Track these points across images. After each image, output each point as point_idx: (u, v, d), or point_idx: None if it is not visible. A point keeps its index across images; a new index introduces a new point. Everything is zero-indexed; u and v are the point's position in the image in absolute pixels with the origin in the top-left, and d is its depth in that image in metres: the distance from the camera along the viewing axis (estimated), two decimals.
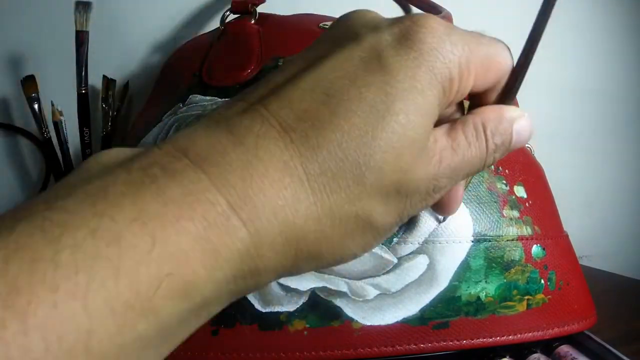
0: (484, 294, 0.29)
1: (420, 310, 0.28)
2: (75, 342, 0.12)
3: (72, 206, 0.14)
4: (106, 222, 0.13)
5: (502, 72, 0.21)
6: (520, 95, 0.41)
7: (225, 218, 0.15)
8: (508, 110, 0.22)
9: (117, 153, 0.17)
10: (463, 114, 0.23)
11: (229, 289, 0.16)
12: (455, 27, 0.20)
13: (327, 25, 0.38)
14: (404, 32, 0.18)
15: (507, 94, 0.22)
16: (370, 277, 0.28)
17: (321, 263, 0.18)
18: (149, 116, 0.37)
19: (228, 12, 0.40)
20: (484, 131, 0.21)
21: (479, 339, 0.29)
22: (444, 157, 0.19)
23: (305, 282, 0.28)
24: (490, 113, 0.21)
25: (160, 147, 0.16)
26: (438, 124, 0.20)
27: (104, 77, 0.47)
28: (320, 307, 0.27)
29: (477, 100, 0.23)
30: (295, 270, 0.18)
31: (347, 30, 0.20)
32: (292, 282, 0.28)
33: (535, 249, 0.31)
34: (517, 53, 0.21)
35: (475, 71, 0.20)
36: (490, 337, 0.29)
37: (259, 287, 0.17)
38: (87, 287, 0.12)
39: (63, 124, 0.45)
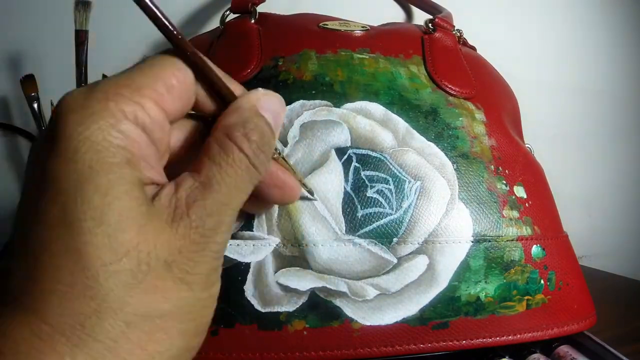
0: (484, 294, 0.29)
1: (419, 311, 0.28)
2: None
3: None
4: None
5: (182, 85, 0.18)
6: (521, 96, 0.41)
7: None
8: (241, 101, 0.19)
9: None
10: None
11: None
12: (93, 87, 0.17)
13: (327, 25, 0.38)
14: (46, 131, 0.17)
15: (220, 92, 0.20)
16: (370, 277, 0.28)
17: None
18: None
19: (228, 12, 0.40)
20: (232, 140, 0.18)
21: (478, 339, 0.29)
22: (189, 203, 0.17)
23: (305, 282, 0.28)
24: (227, 118, 0.19)
25: None
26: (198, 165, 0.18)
27: (104, 76, 0.47)
28: (320, 307, 0.27)
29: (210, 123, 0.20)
30: None
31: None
32: (291, 282, 0.27)
33: (535, 249, 0.31)
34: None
35: (139, 108, 0.17)
36: (490, 338, 0.29)
37: None
38: None
39: None
